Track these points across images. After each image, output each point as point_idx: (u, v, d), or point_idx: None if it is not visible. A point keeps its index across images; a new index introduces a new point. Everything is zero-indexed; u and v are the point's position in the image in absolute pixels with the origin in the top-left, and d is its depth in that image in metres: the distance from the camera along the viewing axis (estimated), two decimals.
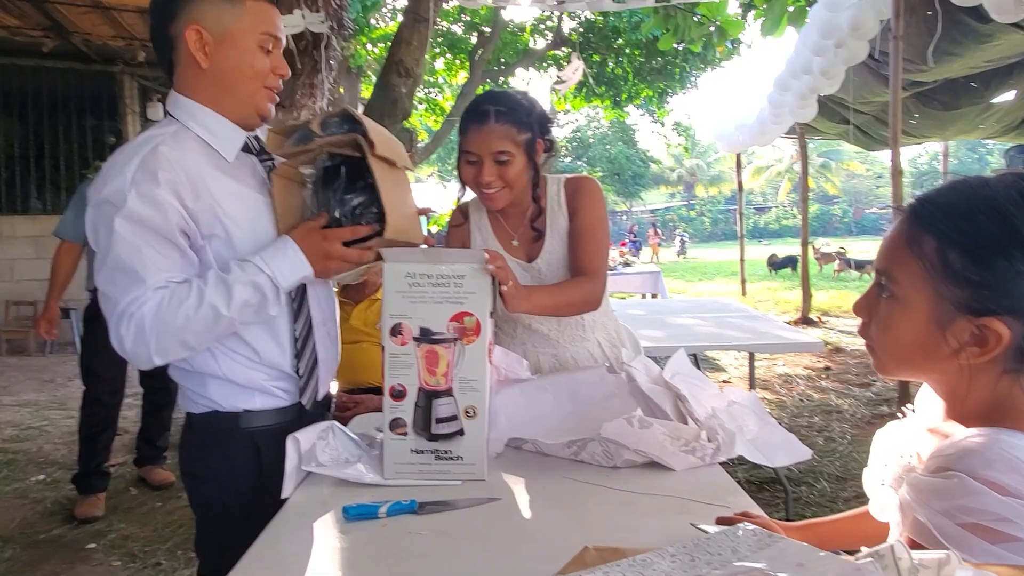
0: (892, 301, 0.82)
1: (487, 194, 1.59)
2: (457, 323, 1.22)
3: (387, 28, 9.89)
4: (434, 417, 1.23)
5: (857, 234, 37.58)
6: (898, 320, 0.81)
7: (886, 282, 0.82)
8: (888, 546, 0.54)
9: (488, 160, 1.54)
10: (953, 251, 0.76)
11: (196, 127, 1.27)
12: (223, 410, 1.31)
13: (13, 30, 5.99)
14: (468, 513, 1.13)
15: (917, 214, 0.80)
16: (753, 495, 1.20)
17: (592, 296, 1.60)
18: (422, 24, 3.87)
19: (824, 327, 8.26)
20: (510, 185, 1.58)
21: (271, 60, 1.29)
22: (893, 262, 0.81)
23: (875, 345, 0.85)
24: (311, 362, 1.37)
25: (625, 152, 33.15)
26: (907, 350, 0.82)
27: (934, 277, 0.77)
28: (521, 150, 1.57)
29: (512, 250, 1.71)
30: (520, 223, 1.71)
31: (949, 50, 4.77)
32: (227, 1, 1.24)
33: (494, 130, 1.53)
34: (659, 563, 0.61)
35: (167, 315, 1.16)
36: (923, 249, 0.78)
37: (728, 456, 1.30)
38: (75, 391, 5.61)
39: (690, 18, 4.48)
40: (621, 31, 9.81)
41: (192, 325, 1.17)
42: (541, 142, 1.62)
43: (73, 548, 2.89)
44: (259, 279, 1.20)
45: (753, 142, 9.35)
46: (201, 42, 1.24)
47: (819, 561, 0.56)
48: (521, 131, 1.56)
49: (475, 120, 1.55)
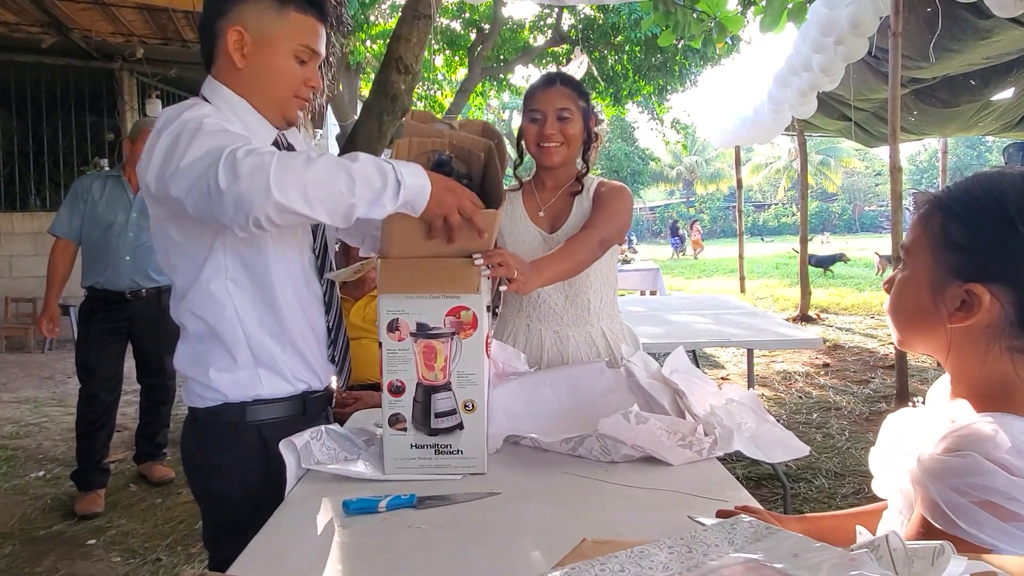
0: (903, 275, 0.88)
1: (546, 148, 1.75)
2: (454, 317, 1.22)
3: (386, 25, 9.88)
4: (433, 412, 1.24)
5: (856, 231, 37.60)
6: (904, 288, 0.88)
7: (903, 257, 0.89)
8: (883, 536, 0.55)
9: (551, 115, 1.73)
10: (952, 221, 0.82)
11: (231, 116, 1.28)
12: (230, 402, 1.31)
13: (12, 26, 5.98)
14: (467, 507, 1.14)
15: (937, 197, 0.85)
16: (751, 491, 1.21)
17: (597, 246, 1.65)
18: (421, 20, 3.87)
19: (823, 324, 8.27)
20: (568, 142, 1.75)
21: (305, 71, 1.32)
22: (910, 239, 0.87)
23: (888, 313, 0.91)
24: (343, 349, 1.46)
25: (624, 149, 33.14)
26: (909, 316, 0.88)
27: (934, 246, 0.83)
28: (579, 113, 1.76)
29: (538, 220, 1.83)
30: (552, 197, 1.84)
31: (949, 46, 4.77)
32: (273, 9, 1.27)
33: (559, 91, 1.75)
34: (657, 554, 0.61)
35: (287, 158, 1.07)
36: (931, 223, 0.84)
37: (725, 451, 1.31)
38: (74, 388, 5.60)
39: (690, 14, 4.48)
40: (621, 28, 9.80)
41: (316, 172, 1.07)
42: (594, 118, 1.82)
43: (73, 544, 2.90)
44: (384, 166, 1.12)
45: (752, 139, 9.35)
46: (240, 43, 1.27)
47: (814, 551, 0.56)
48: (580, 98, 1.77)
49: (543, 84, 1.78)
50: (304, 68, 1.31)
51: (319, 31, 1.32)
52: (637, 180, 34.14)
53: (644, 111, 12.87)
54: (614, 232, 1.72)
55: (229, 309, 1.29)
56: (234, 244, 1.27)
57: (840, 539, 1.01)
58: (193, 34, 6.08)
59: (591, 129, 1.81)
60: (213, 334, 1.30)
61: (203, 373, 1.31)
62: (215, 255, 1.27)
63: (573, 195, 1.82)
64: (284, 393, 1.35)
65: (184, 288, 1.30)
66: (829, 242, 27.35)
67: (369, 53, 9.69)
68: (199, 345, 1.32)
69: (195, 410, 1.36)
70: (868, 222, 39.44)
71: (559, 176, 1.83)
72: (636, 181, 34.06)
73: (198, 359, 1.32)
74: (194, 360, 1.33)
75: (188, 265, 1.29)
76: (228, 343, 1.30)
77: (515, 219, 1.83)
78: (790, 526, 0.93)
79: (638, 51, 10.28)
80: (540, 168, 1.85)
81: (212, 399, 1.32)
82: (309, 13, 1.29)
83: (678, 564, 0.59)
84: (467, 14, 10.37)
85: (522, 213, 1.84)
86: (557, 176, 1.83)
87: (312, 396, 1.40)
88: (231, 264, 1.28)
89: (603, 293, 1.84)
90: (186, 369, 1.34)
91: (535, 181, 1.88)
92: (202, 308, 1.29)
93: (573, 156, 1.80)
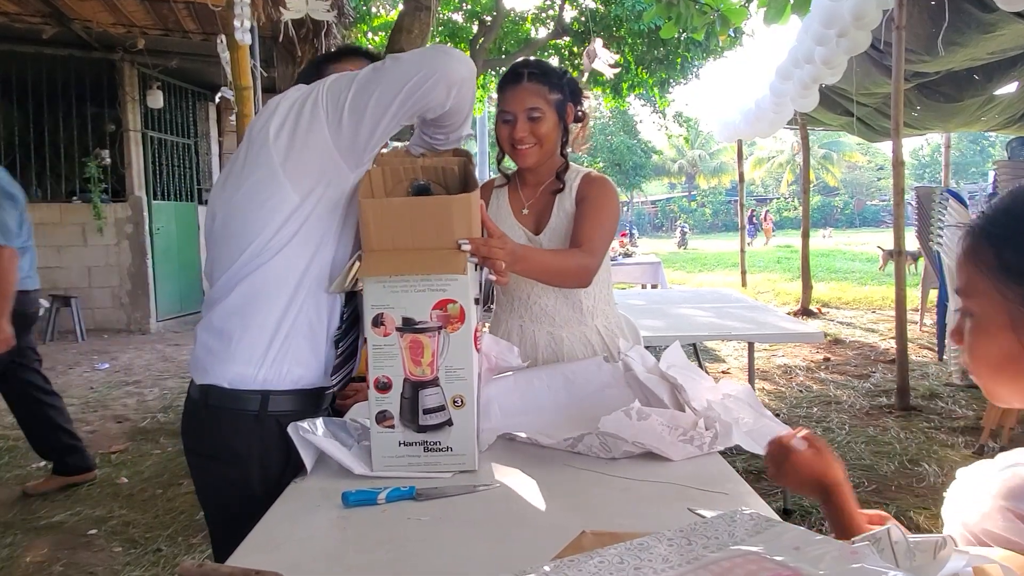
0: (972, 321, 0.78)
1: (520, 150, 1.69)
2: (440, 311, 1.19)
3: (388, 16, 9.84)
4: (421, 408, 1.21)
5: (858, 226, 37.55)
6: (979, 338, 0.77)
7: (963, 301, 0.79)
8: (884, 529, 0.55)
9: (521, 117, 1.66)
10: (1007, 250, 0.74)
11: None
12: (252, 388, 1.28)
13: (13, 17, 5.96)
14: (467, 499, 1.14)
15: (975, 225, 0.78)
16: (751, 484, 1.21)
17: (584, 270, 1.60)
18: (423, 12, 3.85)
19: (824, 318, 8.27)
20: (541, 141, 1.68)
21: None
22: (962, 280, 0.78)
23: (971, 372, 0.80)
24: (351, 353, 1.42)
25: (626, 142, 33.04)
26: (999, 367, 0.77)
27: (996, 281, 0.74)
28: (552, 109, 1.68)
29: (521, 218, 1.79)
30: (535, 194, 1.80)
31: (953, 40, 4.75)
32: None
33: (527, 88, 1.66)
34: (656, 547, 0.61)
35: None
36: (982, 257, 0.75)
37: (725, 445, 1.31)
38: (76, 378, 5.63)
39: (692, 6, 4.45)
40: (623, 20, 9.76)
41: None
42: (572, 107, 1.73)
43: (74, 534, 2.91)
44: None
45: (754, 132, 9.32)
46: None
47: (816, 544, 0.56)
48: (552, 91, 1.68)
49: (510, 81, 1.69)
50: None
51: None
52: (639, 173, 34.08)
53: (646, 104, 12.82)
54: (605, 244, 1.69)
55: (287, 289, 1.27)
56: (318, 228, 1.27)
57: None
58: (194, 25, 6.06)
59: (567, 119, 1.73)
60: (256, 310, 1.27)
61: (227, 347, 1.28)
62: (306, 233, 1.27)
63: (555, 193, 1.76)
64: (303, 385, 1.32)
65: (257, 249, 1.26)
66: (831, 237, 27.38)
67: (371, 45, 9.66)
68: (234, 318, 1.28)
69: (208, 389, 1.30)
70: (870, 216, 39.38)
71: (540, 173, 1.78)
72: (638, 174, 34.01)
73: (227, 333, 1.28)
74: (223, 333, 1.28)
75: (274, 227, 1.26)
76: (268, 324, 1.27)
77: (500, 216, 1.80)
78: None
79: (640, 43, 10.24)
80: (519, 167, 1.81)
81: (231, 379, 1.28)
82: None
83: (677, 556, 0.59)
84: (468, 6, 10.33)
85: (507, 210, 1.81)
86: (538, 172, 1.78)
87: (325, 391, 1.39)
88: (306, 253, 1.27)
89: (595, 291, 1.79)
90: (210, 339, 1.30)
91: (518, 178, 1.84)
92: (265, 278, 1.26)
93: (550, 152, 1.73)
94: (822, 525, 2.85)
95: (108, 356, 6.54)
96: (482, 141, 14.10)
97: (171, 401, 4.96)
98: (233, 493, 1.33)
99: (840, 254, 17.92)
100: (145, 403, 4.98)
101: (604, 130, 32.75)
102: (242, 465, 1.31)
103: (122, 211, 7.85)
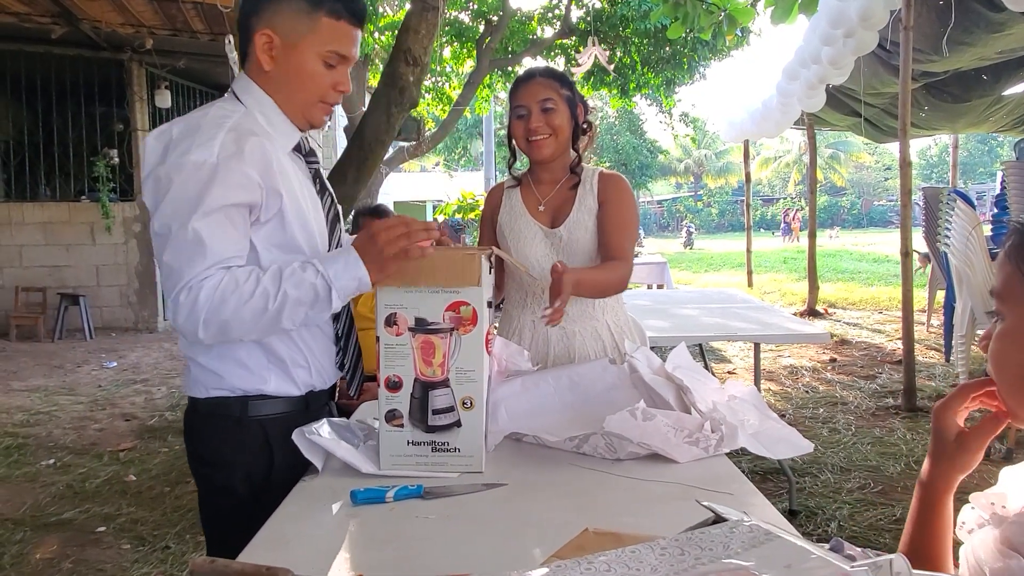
0: (1002, 326, 0.71)
1: (535, 142, 1.75)
2: (453, 312, 1.20)
3: (395, 16, 9.85)
4: (430, 408, 1.22)
5: (866, 226, 37.37)
6: (1007, 346, 0.70)
7: (996, 304, 0.71)
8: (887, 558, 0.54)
9: (535, 109, 1.73)
10: None
11: (259, 115, 1.29)
12: (233, 395, 1.31)
13: (22, 17, 6.00)
14: (474, 498, 1.15)
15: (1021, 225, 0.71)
16: (757, 484, 1.21)
17: (625, 279, 1.76)
18: (430, 12, 3.85)
19: (830, 319, 8.25)
20: (556, 132, 1.75)
21: (333, 75, 1.30)
22: (1001, 282, 0.71)
23: (997, 386, 0.72)
24: (354, 357, 1.44)
25: (632, 142, 32.94)
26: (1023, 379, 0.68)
27: None
28: (564, 103, 1.75)
29: (538, 215, 1.84)
30: (550, 191, 1.84)
31: (961, 39, 4.73)
32: (304, 13, 1.25)
33: (539, 82, 1.75)
34: (647, 556, 0.60)
35: (221, 297, 1.15)
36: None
37: (731, 448, 1.31)
38: (84, 377, 5.66)
39: (699, 6, 4.44)
40: (630, 19, 9.74)
41: (243, 313, 1.16)
42: (581, 107, 1.81)
43: (83, 531, 2.93)
44: (314, 281, 1.17)
45: (761, 133, 9.30)
46: (269, 46, 1.26)
47: (809, 562, 0.55)
48: (563, 87, 1.76)
49: (522, 80, 1.78)
50: (332, 72, 1.30)
51: (351, 36, 1.30)
52: (645, 173, 33.97)
53: (652, 104, 12.79)
54: (633, 245, 1.83)
55: None
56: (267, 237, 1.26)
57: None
58: (202, 25, 6.08)
59: (578, 118, 1.80)
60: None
61: (210, 360, 1.30)
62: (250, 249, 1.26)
63: (573, 188, 1.81)
64: (288, 392, 1.34)
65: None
66: (838, 237, 27.25)
67: (378, 45, 9.67)
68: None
69: (196, 400, 1.34)
70: (877, 217, 39.17)
71: (554, 169, 1.83)
72: (644, 174, 33.90)
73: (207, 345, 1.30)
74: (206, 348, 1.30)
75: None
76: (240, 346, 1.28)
77: (515, 215, 1.83)
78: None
79: (647, 43, 10.22)
80: (534, 163, 1.84)
81: (215, 388, 1.31)
82: (342, 18, 1.27)
83: (666, 567, 0.58)
84: (475, 5, 10.32)
85: (521, 209, 1.84)
86: (552, 169, 1.83)
87: (315, 393, 1.39)
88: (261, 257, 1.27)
89: None
90: (191, 351, 1.32)
91: (531, 176, 1.87)
92: None
93: (564, 146, 1.79)
94: (827, 527, 2.85)
95: (116, 354, 6.58)
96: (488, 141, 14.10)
97: (178, 399, 4.98)
98: (219, 497, 1.36)
99: (847, 254, 17.86)
100: (153, 401, 5.01)
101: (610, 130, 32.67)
102: (226, 469, 1.33)
103: (130, 210, 7.90)
